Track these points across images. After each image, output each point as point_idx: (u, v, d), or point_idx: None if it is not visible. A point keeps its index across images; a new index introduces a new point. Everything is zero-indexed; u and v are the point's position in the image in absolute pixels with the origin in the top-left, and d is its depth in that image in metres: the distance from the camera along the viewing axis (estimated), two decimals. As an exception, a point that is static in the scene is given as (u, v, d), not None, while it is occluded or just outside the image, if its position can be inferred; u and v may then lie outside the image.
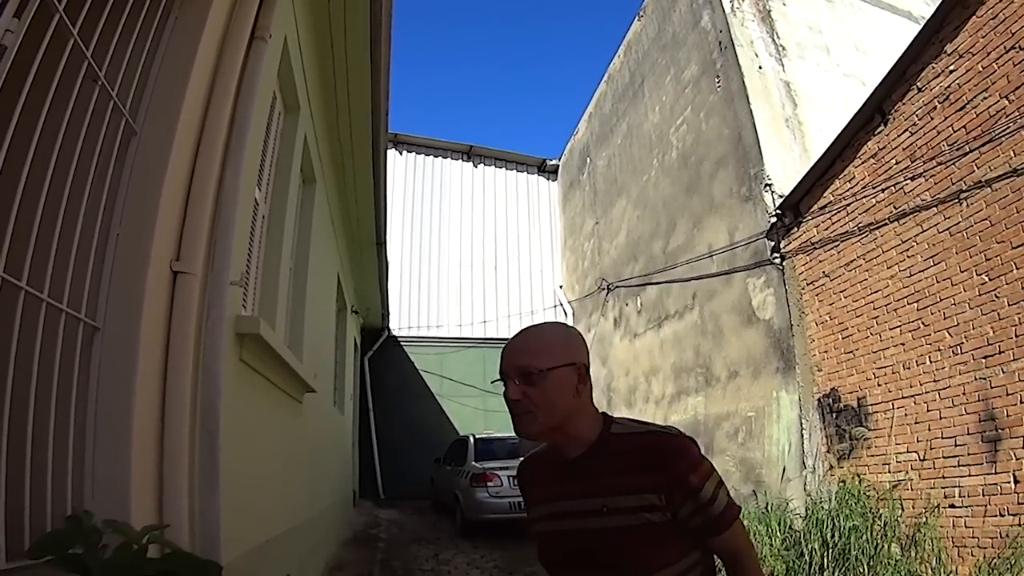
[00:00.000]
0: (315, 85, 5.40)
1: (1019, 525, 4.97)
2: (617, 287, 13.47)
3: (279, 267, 4.45)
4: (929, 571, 5.40)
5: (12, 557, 1.46)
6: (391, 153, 10.28)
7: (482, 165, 19.00)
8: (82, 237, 1.81)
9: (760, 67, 9.39)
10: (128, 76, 2.01)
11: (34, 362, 1.59)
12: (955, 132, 5.95)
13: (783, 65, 9.58)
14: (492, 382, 1.73)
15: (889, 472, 6.28)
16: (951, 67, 6.05)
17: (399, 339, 16.53)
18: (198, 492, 2.25)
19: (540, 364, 1.48)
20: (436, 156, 18.60)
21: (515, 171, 19.26)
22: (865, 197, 6.92)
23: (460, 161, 18.81)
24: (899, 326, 6.42)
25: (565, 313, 16.99)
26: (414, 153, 18.29)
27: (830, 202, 7.43)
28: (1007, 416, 5.23)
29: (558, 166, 18.87)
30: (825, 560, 6.01)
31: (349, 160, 7.00)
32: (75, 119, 1.73)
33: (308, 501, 5.93)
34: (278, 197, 4.60)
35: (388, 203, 8.55)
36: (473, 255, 17.85)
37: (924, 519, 5.69)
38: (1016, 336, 5.23)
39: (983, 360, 5.50)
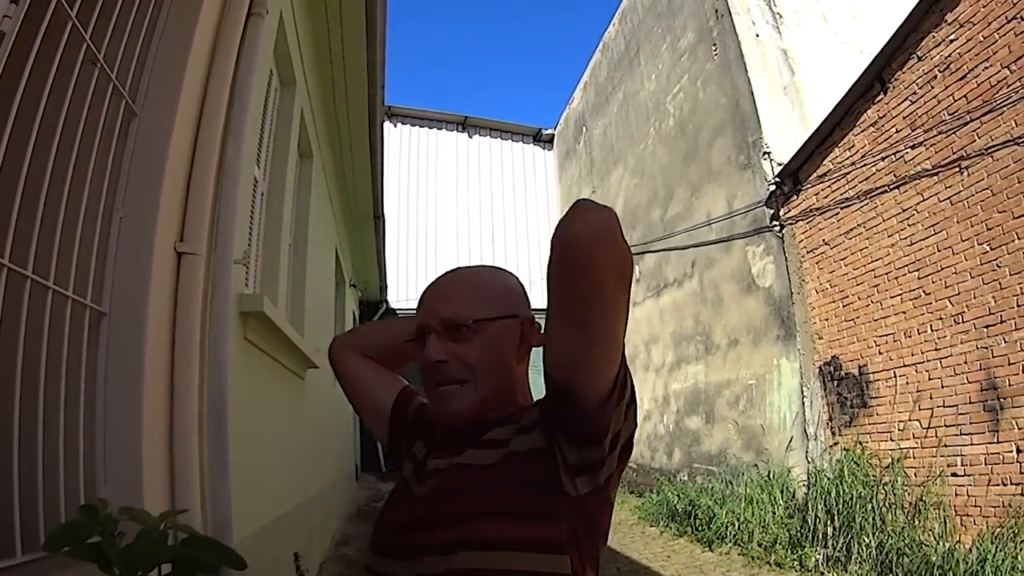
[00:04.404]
0: (310, 59, 5.33)
1: (1022, 495, 5.00)
2: (615, 256, 13.37)
3: (279, 243, 4.42)
4: (933, 539, 5.43)
5: (28, 549, 1.45)
6: (386, 126, 10.09)
7: (477, 136, 18.82)
8: (86, 222, 1.78)
9: (757, 35, 9.25)
10: (127, 57, 1.97)
11: (42, 350, 1.57)
12: (956, 101, 5.89)
13: (780, 32, 9.42)
14: (404, 341, 1.23)
15: (892, 441, 6.30)
16: (952, 36, 5.96)
17: (397, 311, 16.47)
18: (208, 474, 2.25)
19: (475, 312, 1.09)
20: (431, 127, 18.44)
21: (511, 141, 19.09)
22: (865, 165, 6.88)
23: (455, 132, 18.65)
24: (900, 294, 6.40)
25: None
26: (408, 125, 18.13)
27: (830, 170, 7.38)
28: (1008, 386, 5.23)
29: (554, 135, 18.70)
30: (830, 529, 6.07)
31: (346, 133, 6.93)
32: (75, 103, 1.69)
33: (313, 477, 5.96)
34: (276, 173, 4.57)
35: (384, 176, 8.48)
36: (470, 226, 17.74)
37: (927, 488, 5.72)
38: (1017, 306, 5.22)
39: (984, 329, 5.49)
